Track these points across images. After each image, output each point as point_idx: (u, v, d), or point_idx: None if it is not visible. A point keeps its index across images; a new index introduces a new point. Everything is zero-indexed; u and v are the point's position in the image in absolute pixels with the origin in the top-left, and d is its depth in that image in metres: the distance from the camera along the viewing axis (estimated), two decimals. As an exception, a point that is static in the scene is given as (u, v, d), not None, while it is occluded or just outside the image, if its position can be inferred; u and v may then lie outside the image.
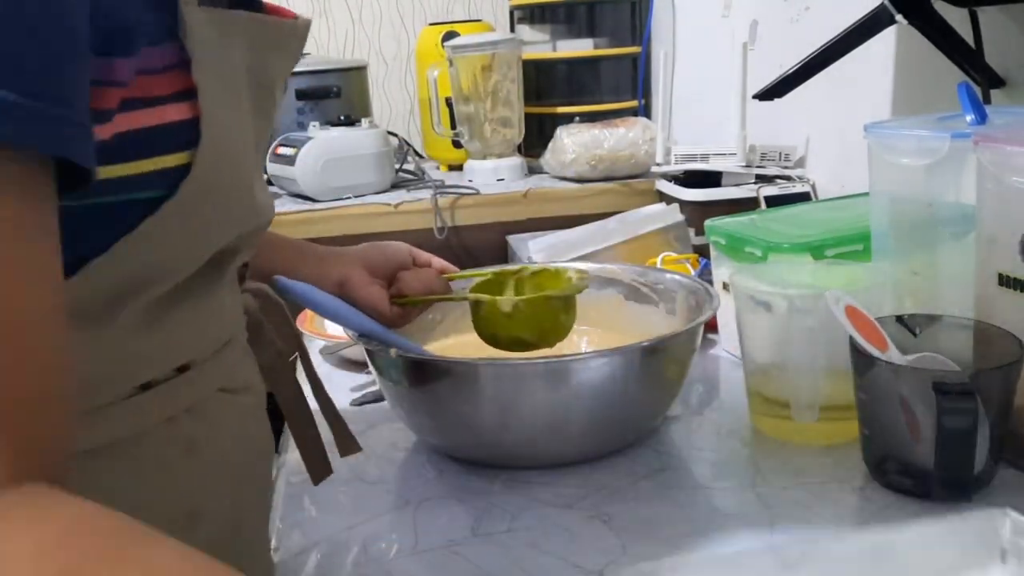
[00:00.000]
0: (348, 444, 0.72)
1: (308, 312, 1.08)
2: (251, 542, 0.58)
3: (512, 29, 2.02)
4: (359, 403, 0.91)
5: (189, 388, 0.49)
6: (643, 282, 0.90)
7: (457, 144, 1.85)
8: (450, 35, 1.84)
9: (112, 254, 0.42)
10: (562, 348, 0.80)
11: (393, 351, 0.72)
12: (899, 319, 0.72)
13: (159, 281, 0.46)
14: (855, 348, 0.68)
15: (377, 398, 0.90)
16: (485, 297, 0.76)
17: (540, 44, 1.90)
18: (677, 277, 0.88)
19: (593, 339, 0.91)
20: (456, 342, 0.90)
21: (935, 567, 0.55)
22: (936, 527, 0.55)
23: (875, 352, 0.66)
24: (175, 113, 0.42)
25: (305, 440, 0.68)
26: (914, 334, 0.72)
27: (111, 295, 0.44)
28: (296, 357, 0.69)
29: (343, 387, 0.96)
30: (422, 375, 0.73)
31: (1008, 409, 0.65)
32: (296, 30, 0.54)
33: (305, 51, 2.20)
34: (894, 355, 0.67)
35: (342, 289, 0.76)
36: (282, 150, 1.67)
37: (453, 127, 1.83)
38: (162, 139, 0.42)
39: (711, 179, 1.43)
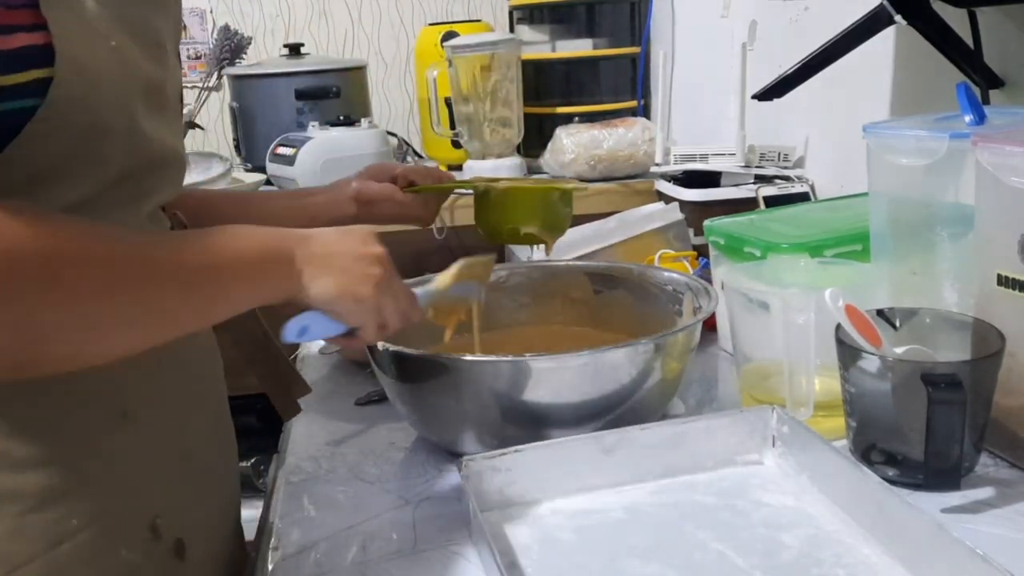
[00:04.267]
0: (287, 405, 0.81)
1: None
2: (201, 452, 0.65)
3: (511, 29, 2.02)
4: (363, 403, 0.91)
5: None
6: (652, 282, 0.91)
7: (456, 144, 1.85)
8: (449, 35, 1.84)
9: (6, 155, 0.48)
10: (562, 347, 0.80)
11: (381, 344, 0.72)
12: (880, 312, 0.72)
13: (56, 183, 0.51)
14: (842, 342, 0.68)
15: (380, 398, 0.90)
16: (493, 184, 0.85)
17: (539, 44, 1.90)
18: (680, 276, 0.88)
19: (597, 339, 0.91)
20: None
21: (721, 449, 0.70)
22: (720, 420, 0.71)
23: (871, 348, 0.67)
24: (29, 39, 0.48)
25: (268, 381, 0.78)
26: (895, 327, 0.72)
27: (15, 190, 0.49)
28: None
29: (344, 387, 0.96)
30: (422, 371, 0.74)
31: (990, 398, 0.66)
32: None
33: (305, 51, 2.18)
34: (887, 350, 0.68)
35: (359, 196, 0.87)
36: (281, 150, 1.67)
37: (452, 127, 1.83)
38: (18, 59, 0.48)
39: (710, 179, 1.43)
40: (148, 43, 0.57)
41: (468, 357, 0.72)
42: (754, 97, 1.11)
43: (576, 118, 1.80)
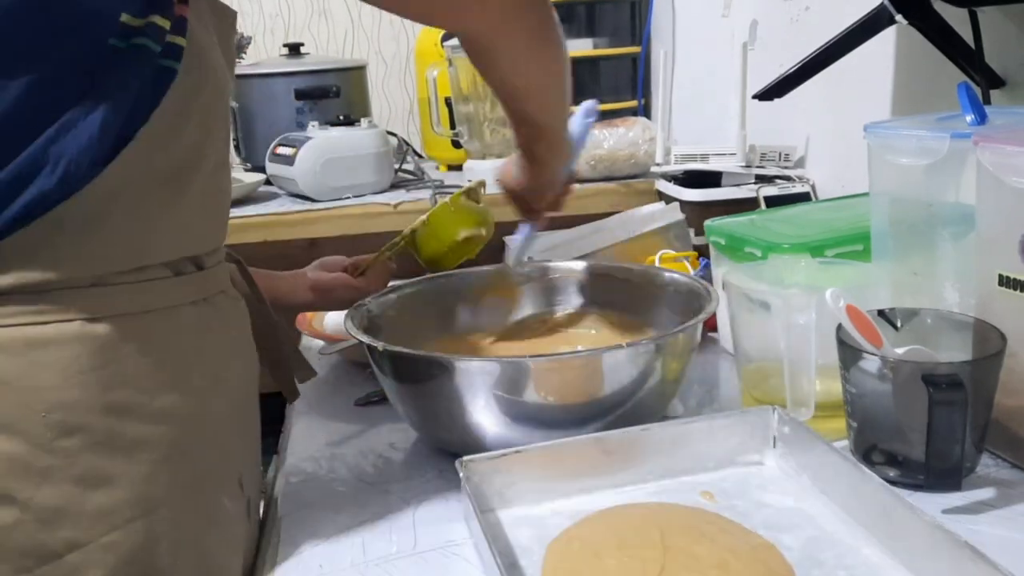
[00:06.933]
0: (292, 387, 0.83)
1: (308, 314, 1.09)
2: (251, 415, 0.69)
3: (512, 29, 2.01)
4: (363, 403, 0.91)
5: (204, 282, 0.61)
6: (653, 283, 0.90)
7: (456, 144, 1.85)
8: (449, 35, 1.84)
9: (153, 127, 0.54)
10: (561, 347, 0.80)
11: (380, 345, 0.72)
12: (881, 313, 0.72)
13: (199, 162, 0.58)
14: (843, 342, 0.68)
15: (380, 398, 0.90)
16: (413, 226, 0.97)
17: (540, 44, 1.90)
18: (681, 277, 0.88)
19: (597, 339, 0.91)
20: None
21: (721, 450, 0.71)
22: (721, 421, 0.71)
23: (872, 348, 0.66)
24: (182, 10, 0.56)
25: (274, 366, 0.80)
26: (896, 327, 0.72)
27: (178, 165, 0.56)
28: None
29: (344, 387, 0.96)
30: (422, 372, 0.73)
31: (991, 399, 0.66)
32: (234, 22, 0.68)
33: (304, 51, 2.17)
34: (887, 350, 0.67)
35: (315, 286, 0.95)
36: (281, 150, 1.67)
37: (452, 127, 1.83)
38: (181, 26, 0.56)
39: (711, 179, 1.43)
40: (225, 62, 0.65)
41: (468, 358, 0.72)
42: (755, 97, 1.11)
43: (576, 118, 1.79)
